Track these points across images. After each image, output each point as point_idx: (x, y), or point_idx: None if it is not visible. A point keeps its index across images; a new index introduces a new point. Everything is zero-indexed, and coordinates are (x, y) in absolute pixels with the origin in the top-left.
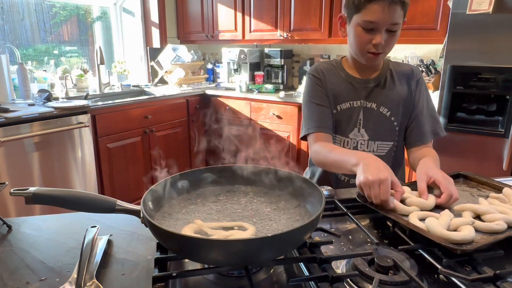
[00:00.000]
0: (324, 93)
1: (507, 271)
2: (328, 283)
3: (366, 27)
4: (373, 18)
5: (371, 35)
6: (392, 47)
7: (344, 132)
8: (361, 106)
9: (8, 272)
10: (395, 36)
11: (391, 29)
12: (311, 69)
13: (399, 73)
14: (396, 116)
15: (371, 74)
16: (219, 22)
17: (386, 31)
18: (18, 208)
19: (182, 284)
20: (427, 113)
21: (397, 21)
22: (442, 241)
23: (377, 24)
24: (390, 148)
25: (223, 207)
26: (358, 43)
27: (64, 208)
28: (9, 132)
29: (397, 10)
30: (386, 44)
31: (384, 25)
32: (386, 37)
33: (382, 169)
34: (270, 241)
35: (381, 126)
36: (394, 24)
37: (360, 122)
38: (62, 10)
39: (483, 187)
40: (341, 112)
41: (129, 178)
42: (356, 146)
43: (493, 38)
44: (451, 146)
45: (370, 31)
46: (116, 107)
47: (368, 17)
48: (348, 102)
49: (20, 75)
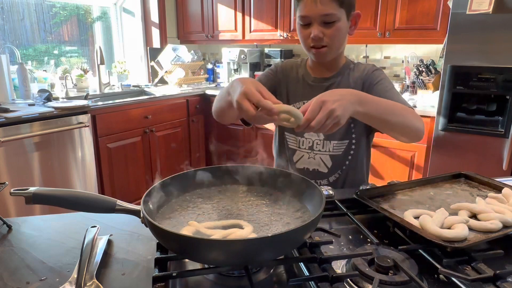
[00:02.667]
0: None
1: (507, 271)
2: (328, 283)
3: (302, 22)
4: (304, 13)
5: (308, 29)
6: (337, 40)
7: (299, 132)
8: None
9: (8, 272)
10: (334, 28)
11: (326, 20)
12: (276, 65)
13: (356, 71)
14: None
15: (329, 73)
16: (219, 22)
17: (322, 23)
18: (18, 208)
19: (182, 284)
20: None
21: (328, 12)
22: (434, 238)
23: (309, 18)
24: (346, 146)
25: (224, 207)
26: (300, 39)
27: (64, 208)
28: (9, 132)
29: (326, 1)
30: (327, 37)
31: (316, 18)
32: (324, 30)
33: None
34: (270, 241)
35: None
36: (326, 15)
37: None
38: (62, 10)
39: (484, 187)
40: None
41: (129, 178)
42: (312, 145)
43: (493, 38)
44: (451, 146)
45: (307, 26)
46: (116, 107)
47: (301, 13)
48: (302, 101)
49: (20, 75)
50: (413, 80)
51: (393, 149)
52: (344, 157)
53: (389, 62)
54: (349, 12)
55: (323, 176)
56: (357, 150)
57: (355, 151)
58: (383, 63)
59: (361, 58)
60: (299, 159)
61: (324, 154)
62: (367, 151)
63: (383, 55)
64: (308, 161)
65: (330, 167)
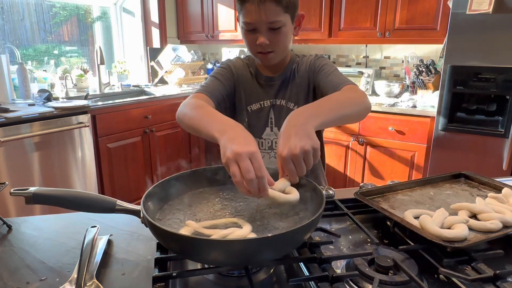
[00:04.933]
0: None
1: (507, 271)
2: (328, 283)
3: (247, 28)
4: (248, 20)
5: (254, 35)
6: (282, 45)
7: (257, 133)
8: (271, 105)
9: (8, 272)
10: (280, 33)
11: (272, 27)
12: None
13: (301, 65)
14: None
15: (277, 71)
16: (219, 22)
17: (268, 30)
18: (18, 208)
19: (182, 284)
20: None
21: (274, 19)
22: (433, 238)
23: (254, 24)
24: None
25: (224, 207)
26: (247, 45)
27: (64, 208)
28: (9, 132)
29: (271, 7)
30: (272, 43)
31: (262, 25)
32: (269, 36)
33: (252, 142)
34: (270, 241)
35: None
36: (271, 22)
37: (272, 121)
38: (62, 10)
39: (484, 187)
40: (252, 113)
41: (129, 178)
42: (271, 145)
43: (493, 38)
44: (451, 146)
45: (252, 31)
46: (116, 107)
47: (246, 19)
48: (258, 102)
49: (20, 75)
50: (413, 80)
51: (393, 149)
52: None
53: (389, 62)
54: (294, 15)
55: None
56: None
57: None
58: (383, 63)
59: (361, 58)
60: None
61: None
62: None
63: (383, 55)
64: (269, 161)
65: None
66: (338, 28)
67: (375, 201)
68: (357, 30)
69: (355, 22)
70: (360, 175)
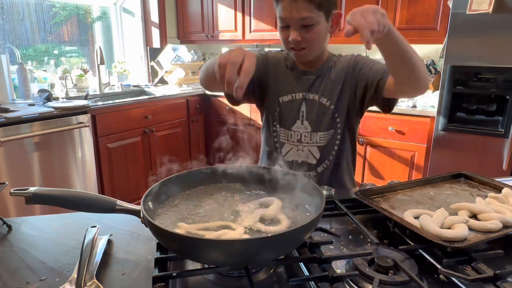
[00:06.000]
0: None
1: (507, 271)
2: (328, 283)
3: (281, 24)
4: (282, 15)
5: (287, 32)
6: (315, 42)
7: (287, 125)
8: (303, 98)
9: (8, 272)
10: (313, 31)
11: (304, 24)
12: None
13: (340, 63)
14: (336, 104)
15: (313, 67)
16: (219, 22)
17: (301, 27)
18: (18, 208)
19: (182, 284)
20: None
21: (305, 15)
22: (434, 238)
23: (287, 20)
24: (331, 137)
25: (224, 206)
26: (281, 40)
27: (64, 208)
28: (9, 132)
29: (303, 4)
30: (305, 39)
31: (293, 21)
32: (302, 33)
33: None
34: (270, 241)
35: (322, 117)
36: (303, 19)
37: (303, 115)
38: (62, 10)
39: (484, 187)
40: (283, 104)
41: (129, 178)
42: (300, 138)
43: (493, 38)
44: (451, 146)
45: (286, 28)
46: (116, 107)
47: (280, 14)
48: (290, 94)
49: (20, 75)
50: None
51: (393, 149)
52: (331, 147)
53: None
54: (329, 13)
55: (312, 167)
56: (343, 140)
57: (340, 141)
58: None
59: None
60: (287, 152)
61: (312, 145)
62: (351, 141)
63: None
64: (297, 153)
65: (318, 158)
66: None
67: (375, 201)
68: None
69: None
70: (360, 175)
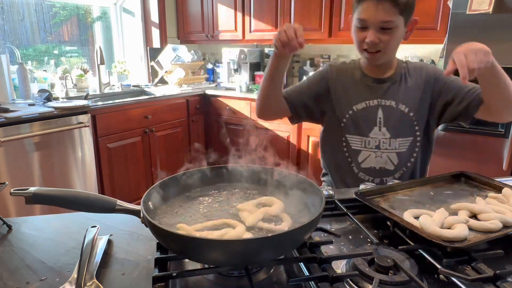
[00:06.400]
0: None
1: (507, 271)
2: (328, 283)
3: (359, 25)
4: (363, 16)
5: (364, 33)
6: (392, 46)
7: (364, 132)
8: (378, 104)
9: (8, 272)
10: (391, 34)
11: (384, 26)
12: (329, 63)
13: (414, 69)
14: (415, 111)
15: (386, 73)
16: (219, 22)
17: (380, 29)
18: (18, 208)
19: (182, 284)
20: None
21: (388, 18)
22: (434, 238)
23: (367, 22)
24: (410, 143)
25: (224, 206)
26: (355, 41)
27: (64, 208)
28: (9, 132)
29: (388, 7)
30: (382, 42)
31: (374, 23)
32: (380, 36)
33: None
34: (270, 241)
35: (401, 123)
36: (385, 21)
37: (381, 121)
38: (62, 10)
39: (484, 187)
40: (357, 112)
41: (129, 178)
42: (378, 145)
43: (493, 38)
44: (451, 146)
45: (364, 29)
46: (116, 107)
47: (360, 15)
48: (364, 102)
49: (20, 75)
50: None
51: None
52: (409, 154)
53: None
54: (408, 19)
55: (389, 173)
56: (420, 147)
57: (418, 148)
58: None
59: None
60: (365, 159)
61: (391, 152)
62: (428, 148)
63: None
64: (375, 160)
65: (396, 164)
66: (338, 28)
67: (375, 201)
68: None
69: None
70: None
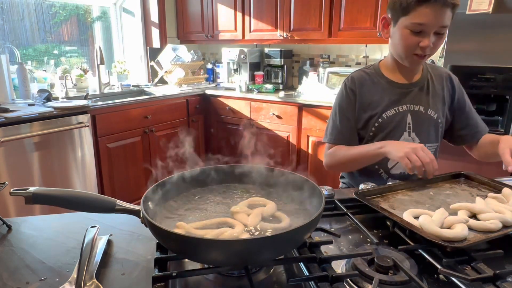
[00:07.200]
0: (353, 106)
1: (507, 271)
2: (328, 283)
3: (414, 29)
4: (423, 21)
5: (418, 37)
6: (437, 49)
7: (393, 138)
8: (407, 110)
9: (8, 272)
10: (442, 38)
11: (439, 31)
12: (347, 79)
13: (437, 75)
14: (442, 118)
15: (414, 77)
16: (219, 22)
17: (434, 33)
18: (18, 208)
19: (182, 284)
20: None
21: (446, 23)
22: (433, 237)
23: (426, 26)
24: (435, 149)
25: (223, 206)
26: (405, 45)
27: (64, 208)
28: (9, 132)
29: (447, 12)
30: (434, 46)
31: (434, 28)
32: (434, 40)
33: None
34: (270, 241)
35: (430, 129)
36: (443, 26)
37: (410, 126)
38: (62, 10)
39: (484, 187)
40: (388, 119)
41: (129, 178)
42: None
43: (493, 38)
44: (451, 146)
45: (418, 33)
46: (116, 107)
47: (418, 20)
48: (393, 108)
49: (20, 75)
50: None
51: None
52: None
53: None
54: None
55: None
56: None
57: (438, 153)
58: None
59: (361, 58)
60: (395, 165)
61: None
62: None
63: (383, 55)
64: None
65: None
66: (338, 28)
67: (375, 201)
68: (357, 30)
69: (355, 22)
70: None
